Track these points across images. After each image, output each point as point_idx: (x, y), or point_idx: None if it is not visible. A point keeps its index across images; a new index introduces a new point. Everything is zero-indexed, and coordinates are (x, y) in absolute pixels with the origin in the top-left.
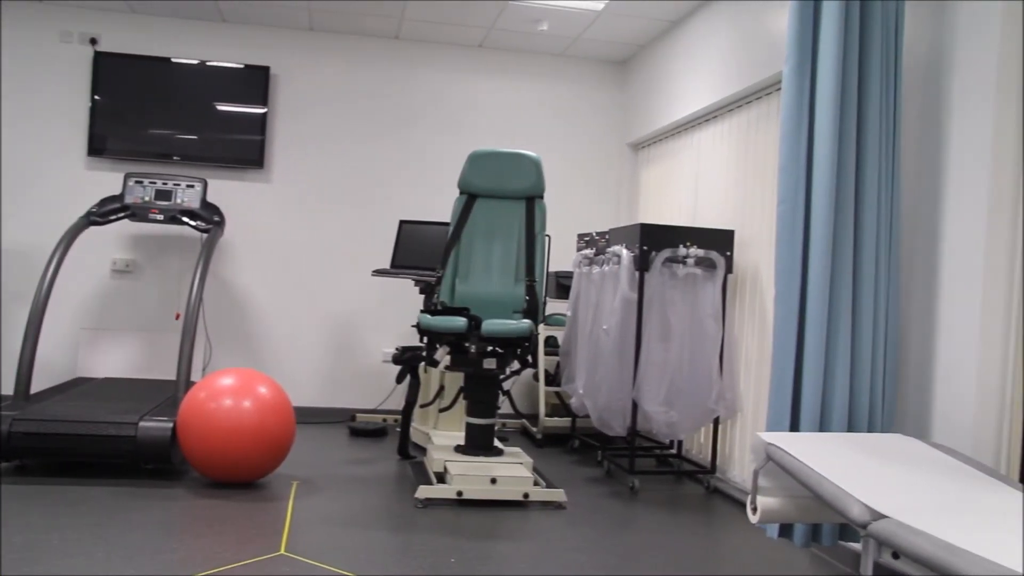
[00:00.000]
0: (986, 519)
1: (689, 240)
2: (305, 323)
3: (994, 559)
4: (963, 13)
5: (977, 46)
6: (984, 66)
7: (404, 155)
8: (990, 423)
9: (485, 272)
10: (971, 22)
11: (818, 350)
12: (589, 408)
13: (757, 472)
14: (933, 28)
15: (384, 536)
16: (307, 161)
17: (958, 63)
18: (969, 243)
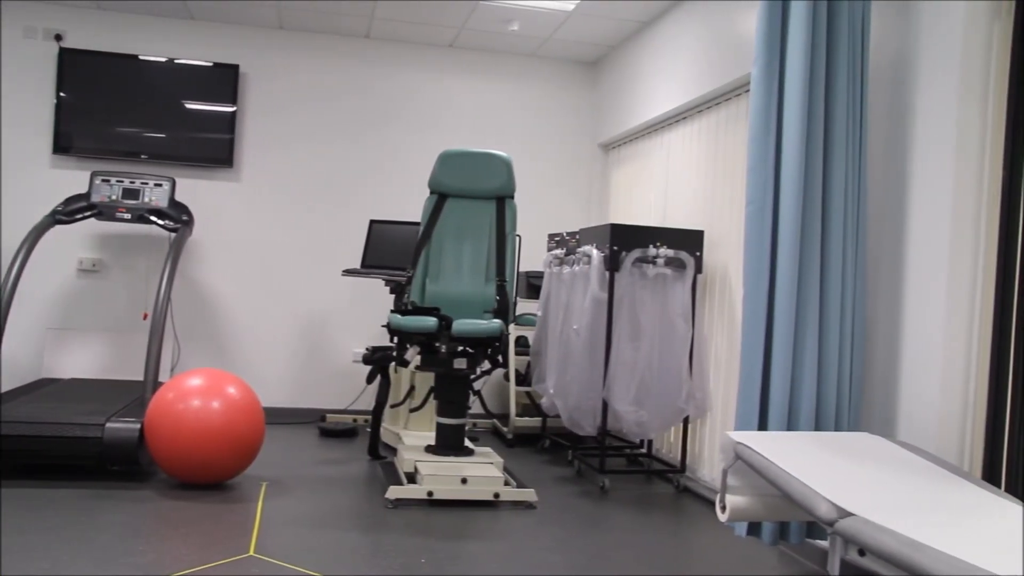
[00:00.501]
0: (950, 516)
1: (659, 240)
2: (275, 323)
3: (958, 555)
4: (926, 15)
5: (940, 47)
6: (947, 68)
7: (374, 155)
8: (954, 422)
9: (455, 272)
10: (934, 24)
11: (786, 350)
12: (559, 408)
13: (726, 471)
14: (898, 30)
15: (354, 537)
16: (277, 160)
17: (922, 64)
18: (934, 244)
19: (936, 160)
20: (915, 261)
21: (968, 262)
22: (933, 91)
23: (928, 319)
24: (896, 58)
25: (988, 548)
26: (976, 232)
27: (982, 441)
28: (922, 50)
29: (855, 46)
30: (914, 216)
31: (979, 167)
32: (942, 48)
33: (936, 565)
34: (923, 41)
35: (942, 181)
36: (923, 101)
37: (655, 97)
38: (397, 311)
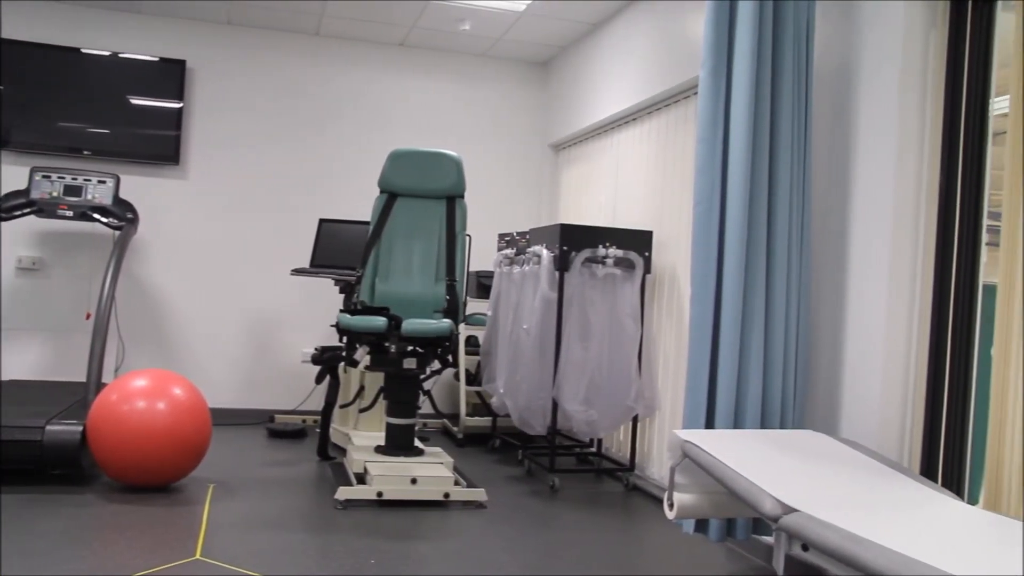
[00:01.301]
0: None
1: (608, 241)
2: (222, 323)
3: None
4: (867, 21)
5: (881, 53)
6: (887, 73)
7: (324, 153)
8: (894, 420)
9: (405, 271)
10: (875, 30)
11: (732, 349)
12: (510, 407)
13: (673, 469)
14: (841, 35)
15: (303, 538)
16: (225, 158)
17: (864, 69)
18: (875, 246)
19: (877, 163)
20: (857, 263)
21: (907, 264)
22: (874, 95)
23: (870, 320)
24: (839, 62)
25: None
26: (915, 235)
27: (920, 438)
28: (863, 55)
29: (800, 50)
30: (856, 218)
31: (918, 171)
32: (882, 53)
33: (876, 558)
34: (864, 46)
35: (883, 184)
36: (865, 105)
37: (605, 98)
38: (346, 311)
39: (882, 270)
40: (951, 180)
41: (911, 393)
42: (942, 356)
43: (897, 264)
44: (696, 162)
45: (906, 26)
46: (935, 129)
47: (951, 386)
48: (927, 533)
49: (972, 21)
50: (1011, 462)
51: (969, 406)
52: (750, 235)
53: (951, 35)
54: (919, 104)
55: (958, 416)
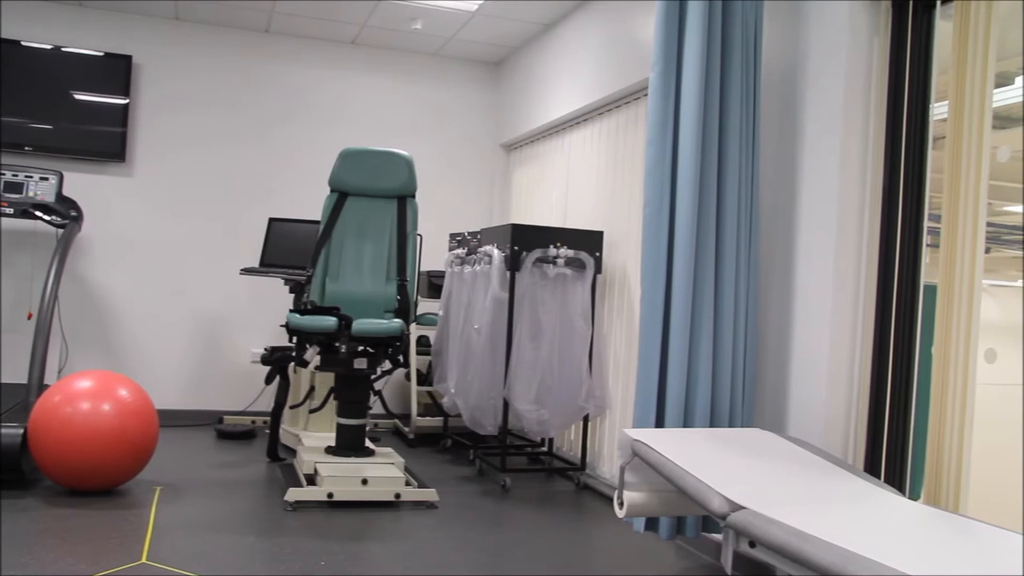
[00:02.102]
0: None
1: (559, 241)
2: (170, 323)
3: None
4: (813, 26)
5: (826, 57)
6: (832, 77)
7: (275, 152)
8: (839, 417)
9: (356, 271)
10: (820, 35)
11: (682, 349)
12: (461, 407)
13: (623, 468)
14: (787, 40)
15: (252, 541)
16: (173, 155)
17: (810, 73)
18: (821, 247)
19: (823, 166)
20: (804, 263)
21: (852, 265)
22: (820, 98)
23: (816, 320)
24: (786, 65)
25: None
26: (859, 237)
27: (864, 435)
28: (809, 58)
29: (748, 52)
30: (803, 220)
31: (862, 174)
32: (828, 57)
33: (820, 554)
34: (810, 50)
35: (828, 187)
36: (811, 107)
37: (557, 99)
38: (296, 310)
39: (827, 271)
40: (894, 183)
41: (855, 391)
42: (885, 355)
43: (842, 265)
44: (646, 163)
45: (850, 31)
46: (878, 133)
47: (894, 385)
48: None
49: (913, 28)
50: (950, 458)
51: (911, 404)
52: (699, 236)
53: (893, 41)
54: (863, 108)
55: (900, 414)
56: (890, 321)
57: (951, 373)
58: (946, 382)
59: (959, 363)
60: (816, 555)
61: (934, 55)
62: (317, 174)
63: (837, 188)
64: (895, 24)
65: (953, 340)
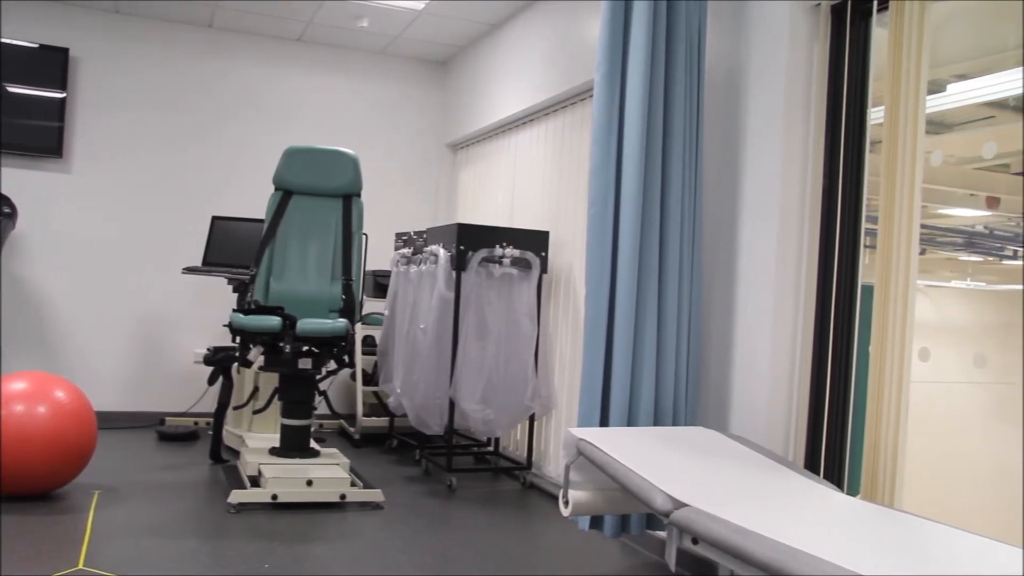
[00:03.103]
0: (775, 503)
1: (505, 240)
2: (109, 323)
3: (780, 539)
4: (756, 31)
5: (768, 62)
6: (774, 79)
7: (218, 149)
8: (780, 415)
9: (301, 271)
10: (763, 39)
11: (626, 348)
12: (407, 407)
13: (568, 467)
14: (730, 44)
15: (194, 544)
16: (113, 152)
17: (752, 77)
18: (763, 248)
19: (764, 168)
20: (746, 264)
21: (793, 266)
22: (761, 101)
23: (758, 319)
24: (729, 68)
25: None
26: (800, 238)
27: (805, 433)
28: (752, 62)
29: (692, 54)
30: (745, 222)
31: (802, 176)
32: (769, 61)
33: (760, 550)
34: (752, 54)
35: (770, 188)
36: (753, 110)
37: (503, 99)
38: (240, 310)
39: (769, 272)
40: (833, 186)
41: (796, 390)
42: (824, 355)
43: (783, 266)
44: (591, 164)
45: (791, 35)
46: (818, 136)
47: (833, 383)
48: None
49: (851, 34)
50: (886, 455)
51: (849, 402)
52: (643, 236)
53: (832, 47)
54: (804, 112)
55: (839, 412)
56: (829, 321)
57: (887, 372)
58: (882, 380)
59: (894, 362)
60: (757, 551)
61: (871, 61)
62: (261, 172)
63: (779, 190)
64: (834, 30)
65: (889, 339)
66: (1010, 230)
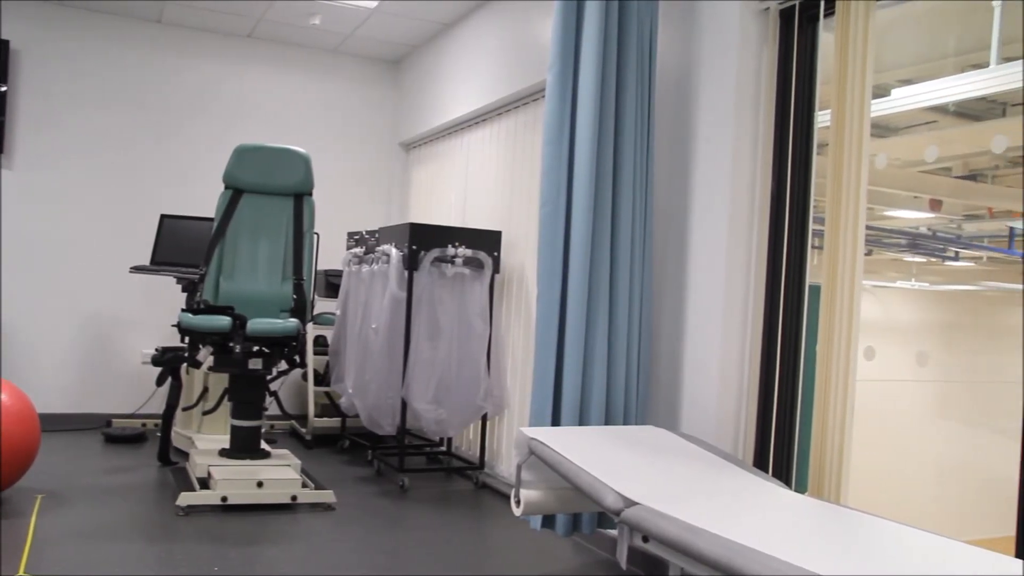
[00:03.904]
0: (725, 501)
1: (458, 240)
2: (54, 323)
3: (730, 537)
4: (707, 33)
5: (719, 64)
6: (724, 82)
7: (167, 146)
8: (730, 414)
9: (251, 270)
10: (713, 42)
11: (577, 348)
12: (359, 407)
13: (520, 466)
14: (682, 44)
15: (141, 548)
16: (57, 147)
17: (703, 77)
18: (713, 248)
19: (714, 168)
20: (696, 265)
21: (742, 266)
22: (712, 102)
23: (708, 319)
24: (680, 70)
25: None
26: (749, 239)
27: (754, 431)
28: (702, 63)
29: (643, 55)
30: (696, 222)
31: (751, 178)
32: (719, 63)
33: (710, 547)
34: (703, 55)
35: (720, 189)
36: (704, 111)
37: (456, 98)
38: (189, 310)
39: (719, 271)
40: (781, 187)
41: (745, 388)
42: (773, 354)
43: (733, 266)
44: (543, 164)
45: (741, 39)
46: (767, 138)
47: (781, 382)
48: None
49: (799, 39)
50: (832, 452)
51: (797, 400)
52: (595, 237)
53: (781, 51)
54: (753, 114)
55: (787, 410)
56: (778, 320)
57: (833, 370)
58: (829, 379)
59: (840, 361)
60: (706, 548)
61: (818, 65)
62: (211, 170)
63: (728, 191)
64: (782, 34)
65: (835, 338)
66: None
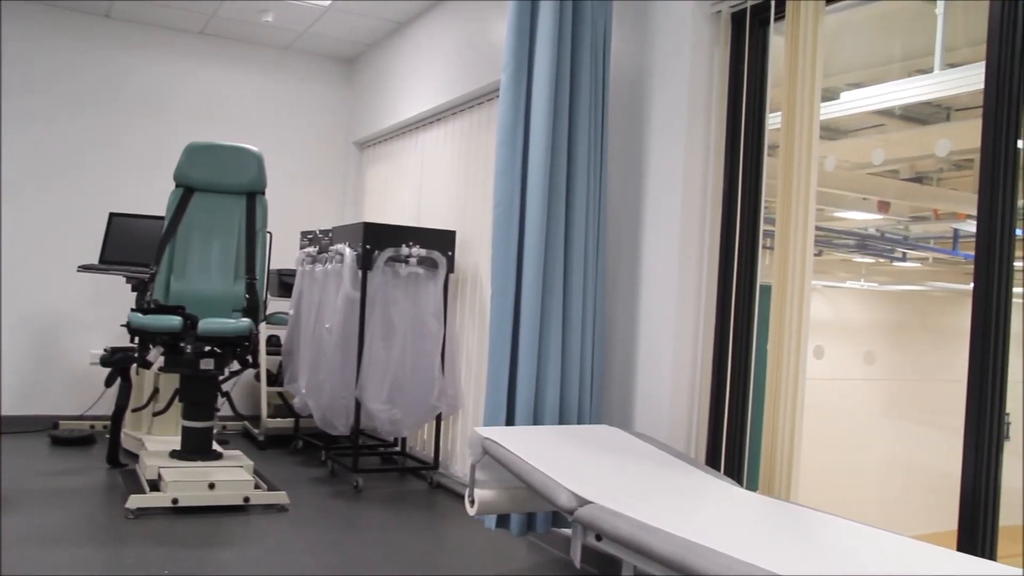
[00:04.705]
0: (677, 499)
1: (412, 240)
2: None
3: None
4: (659, 30)
5: (671, 66)
6: (677, 84)
7: (116, 143)
8: (682, 413)
9: (203, 269)
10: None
11: (531, 347)
12: (312, 408)
13: (474, 466)
14: (635, 43)
15: (89, 553)
16: (3, 143)
17: (656, 78)
18: (665, 249)
19: (667, 169)
20: (649, 265)
21: (694, 266)
22: (665, 103)
23: (661, 318)
24: (633, 71)
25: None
26: (701, 239)
27: (706, 430)
28: (656, 65)
29: (597, 57)
30: (649, 223)
31: (703, 179)
32: (672, 65)
33: (662, 545)
34: (656, 57)
35: (672, 190)
36: (656, 112)
37: (410, 97)
38: (139, 310)
39: (671, 272)
40: (733, 188)
41: (698, 387)
42: (725, 353)
43: (685, 266)
44: (497, 164)
45: (693, 41)
46: (719, 140)
47: (733, 381)
48: (709, 518)
49: (750, 43)
50: (783, 450)
51: (748, 399)
52: (548, 237)
53: (733, 54)
54: (705, 115)
55: (739, 409)
56: (729, 320)
57: (784, 369)
58: (779, 378)
59: (791, 359)
60: (658, 546)
61: (769, 68)
62: (162, 168)
63: (681, 192)
64: (734, 36)
65: (786, 338)
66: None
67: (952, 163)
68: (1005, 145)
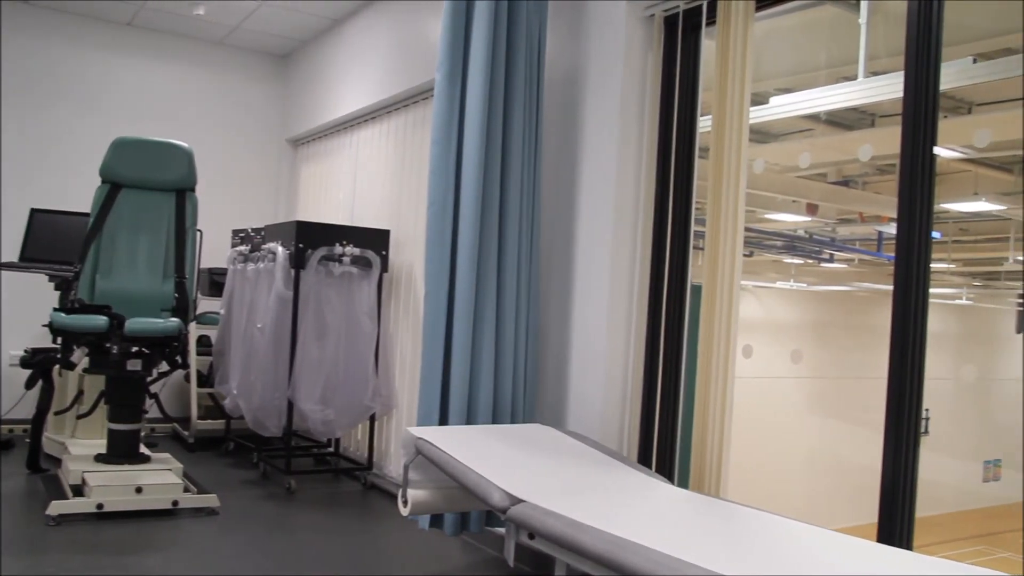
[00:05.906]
0: (609, 496)
1: (346, 239)
2: None
3: (613, 532)
4: (594, 33)
5: (605, 68)
6: (610, 86)
7: (38, 137)
8: (615, 411)
9: (130, 268)
10: (600, 46)
11: (465, 347)
12: (244, 409)
13: (407, 466)
14: (570, 45)
15: (7, 563)
16: None
17: (591, 80)
18: (598, 250)
19: (600, 170)
20: (583, 266)
21: (626, 267)
22: (598, 106)
23: (593, 319)
24: (568, 72)
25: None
26: (633, 240)
27: (638, 428)
28: (590, 67)
29: (532, 58)
30: (582, 224)
31: (636, 180)
32: (606, 67)
33: (594, 542)
34: (591, 59)
35: (605, 191)
36: (590, 114)
37: (345, 95)
38: (62, 309)
39: (604, 271)
40: (664, 189)
41: (630, 386)
42: (657, 352)
43: (617, 267)
44: (431, 163)
45: (627, 44)
46: (652, 142)
47: (664, 380)
48: (641, 516)
49: (682, 46)
50: (713, 447)
51: (679, 398)
52: (482, 237)
53: (665, 57)
54: (638, 118)
55: (670, 407)
56: (661, 319)
57: (713, 368)
58: (709, 376)
59: (720, 358)
60: (590, 543)
61: (700, 72)
62: (87, 163)
63: (614, 193)
64: (667, 40)
65: (715, 337)
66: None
67: (876, 167)
68: (923, 151)
